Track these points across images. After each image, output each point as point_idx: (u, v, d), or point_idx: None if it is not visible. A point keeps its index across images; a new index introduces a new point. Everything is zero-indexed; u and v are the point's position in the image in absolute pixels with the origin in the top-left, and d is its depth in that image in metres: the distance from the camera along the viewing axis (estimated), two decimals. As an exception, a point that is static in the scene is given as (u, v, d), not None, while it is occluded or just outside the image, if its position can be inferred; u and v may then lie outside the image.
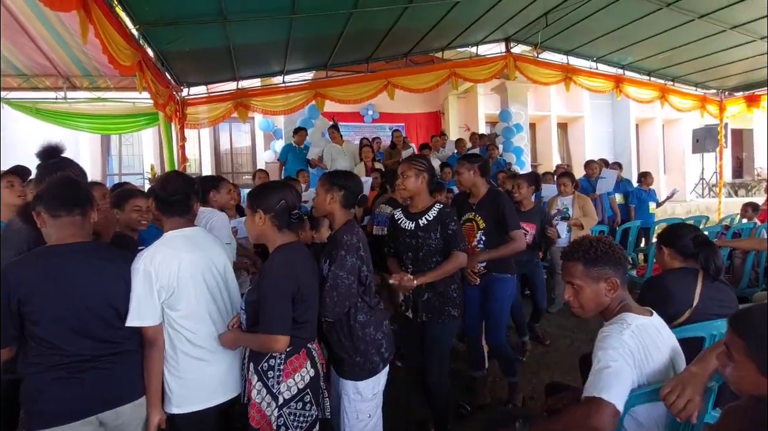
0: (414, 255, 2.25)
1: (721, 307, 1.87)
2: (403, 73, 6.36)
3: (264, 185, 1.75)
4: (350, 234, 1.79)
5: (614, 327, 1.37)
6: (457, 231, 2.20)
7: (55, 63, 5.28)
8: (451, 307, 2.23)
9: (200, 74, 5.70)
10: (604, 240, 1.47)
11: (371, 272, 1.88)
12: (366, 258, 1.83)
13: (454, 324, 2.29)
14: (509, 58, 6.58)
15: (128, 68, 3.58)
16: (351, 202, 1.90)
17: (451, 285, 2.24)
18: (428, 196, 2.29)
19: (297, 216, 1.67)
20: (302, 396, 1.59)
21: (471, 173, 2.65)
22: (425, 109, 10.63)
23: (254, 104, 6.02)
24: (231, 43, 4.77)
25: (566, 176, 4.44)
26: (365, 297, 1.83)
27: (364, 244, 1.84)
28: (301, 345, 1.62)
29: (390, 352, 1.91)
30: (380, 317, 1.89)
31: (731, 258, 4.10)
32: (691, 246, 1.94)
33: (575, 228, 4.18)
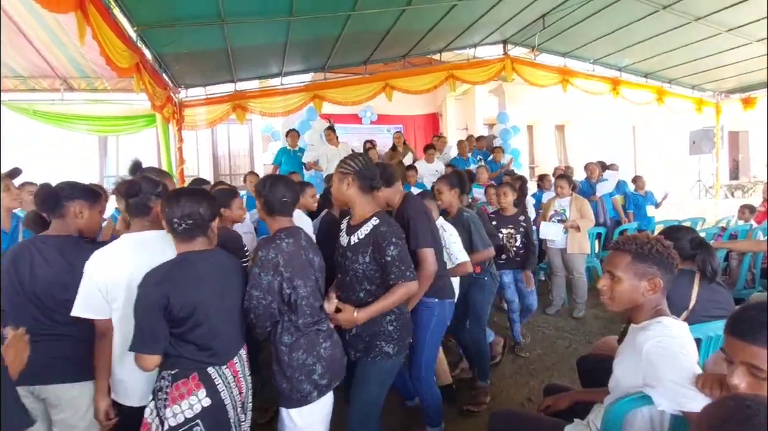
0: (342, 279, 1.92)
1: (717, 309, 1.89)
2: (401, 74, 6.38)
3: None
4: (267, 249, 1.59)
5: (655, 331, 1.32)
6: (397, 257, 1.76)
7: (52, 64, 5.27)
8: (384, 342, 1.85)
9: (198, 76, 5.70)
10: (662, 241, 1.41)
11: (311, 287, 1.67)
12: (293, 275, 1.60)
13: (388, 364, 1.88)
14: (507, 60, 6.61)
15: (126, 70, 3.58)
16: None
17: (385, 316, 1.85)
18: (367, 205, 1.88)
19: (188, 225, 1.49)
20: (190, 427, 1.40)
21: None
22: (423, 111, 10.65)
23: (252, 106, 6.03)
24: (229, 45, 4.77)
25: (563, 178, 4.46)
26: (291, 316, 1.64)
27: (292, 257, 1.61)
28: (192, 368, 1.44)
29: (332, 379, 1.70)
30: (314, 340, 1.67)
31: (728, 260, 4.11)
32: (688, 248, 1.95)
33: (572, 231, 4.19)
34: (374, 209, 1.89)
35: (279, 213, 1.73)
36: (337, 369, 1.76)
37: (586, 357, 2.26)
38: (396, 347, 1.88)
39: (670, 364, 1.24)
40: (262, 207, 1.74)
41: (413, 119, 10.54)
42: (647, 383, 1.28)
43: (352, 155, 1.91)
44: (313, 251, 1.76)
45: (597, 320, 4.19)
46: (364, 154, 1.93)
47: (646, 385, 1.29)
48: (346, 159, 1.89)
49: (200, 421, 1.42)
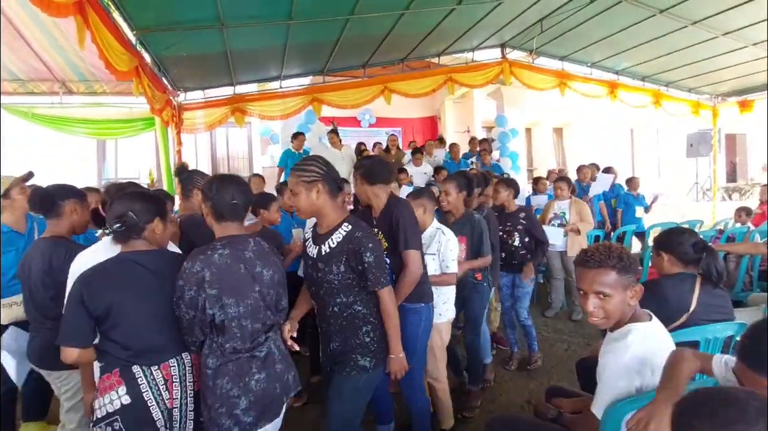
0: (316, 292, 1.78)
1: (717, 313, 1.89)
2: (399, 78, 6.40)
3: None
4: (194, 261, 1.43)
5: (619, 345, 1.36)
6: (374, 263, 1.65)
7: (51, 67, 5.27)
8: (359, 356, 1.72)
9: (197, 79, 5.71)
10: (623, 248, 1.43)
11: (248, 306, 1.47)
12: (222, 292, 1.43)
13: (363, 379, 1.74)
14: (505, 64, 6.64)
15: (125, 73, 3.59)
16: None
17: (362, 326, 1.73)
18: (337, 210, 1.74)
19: (120, 228, 1.49)
20: (111, 422, 1.40)
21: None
22: (422, 114, 10.68)
23: (251, 109, 6.04)
24: (228, 49, 4.79)
25: (563, 180, 4.45)
26: (216, 338, 1.46)
27: (222, 272, 1.43)
28: (114, 364, 1.44)
29: (260, 418, 1.48)
30: (244, 368, 1.46)
31: (725, 263, 4.12)
32: (691, 253, 1.94)
33: (572, 234, 4.20)
34: (344, 214, 1.76)
35: (228, 218, 1.54)
36: (268, 407, 1.51)
37: (586, 360, 2.25)
38: (373, 360, 1.74)
39: (602, 379, 1.35)
40: (209, 212, 1.55)
41: (412, 122, 10.58)
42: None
43: (308, 159, 1.73)
44: (263, 264, 1.54)
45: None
46: (318, 156, 1.76)
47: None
48: (305, 165, 1.68)
49: (119, 417, 1.40)
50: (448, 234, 2.39)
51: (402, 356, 1.78)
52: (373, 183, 2.10)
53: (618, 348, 1.37)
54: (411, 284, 2.00)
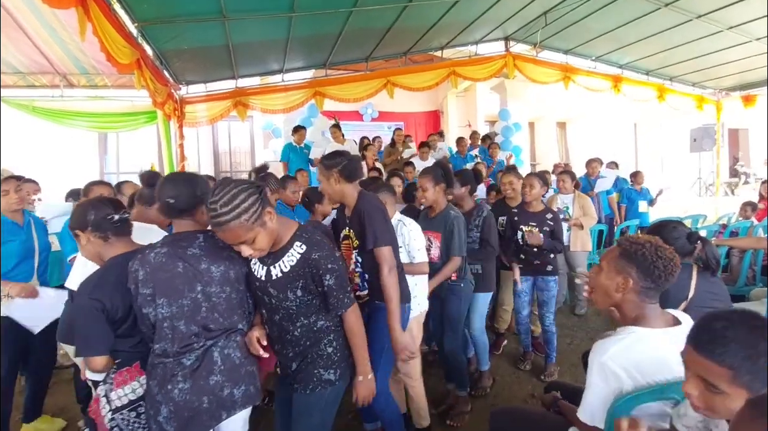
0: (270, 317, 1.58)
1: (715, 300, 1.91)
2: (402, 71, 6.37)
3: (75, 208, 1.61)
4: (134, 260, 1.42)
5: (600, 344, 1.34)
6: (335, 286, 1.49)
7: (51, 61, 5.25)
8: (323, 369, 1.58)
9: (199, 72, 5.69)
10: (659, 250, 1.35)
11: (183, 307, 1.39)
12: (155, 291, 1.37)
13: (329, 391, 1.60)
14: (508, 57, 6.60)
15: (126, 66, 3.57)
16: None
17: (323, 337, 1.59)
18: (284, 226, 1.52)
19: (119, 220, 1.51)
20: (135, 407, 1.47)
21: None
22: (424, 108, 10.63)
23: (253, 103, 6.02)
24: (230, 42, 4.76)
25: (566, 174, 4.42)
26: (153, 338, 1.43)
27: (156, 271, 1.37)
28: (133, 358, 1.48)
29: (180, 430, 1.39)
30: (169, 374, 1.39)
31: (729, 257, 4.12)
32: (688, 245, 1.96)
33: (575, 229, 4.19)
34: (292, 228, 1.53)
35: (175, 215, 1.49)
36: (191, 422, 1.38)
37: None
38: (337, 371, 1.60)
39: (588, 380, 1.33)
40: (159, 210, 1.51)
41: (414, 116, 10.53)
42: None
43: (230, 194, 1.32)
44: (211, 260, 1.45)
45: (599, 317, 4.20)
46: (237, 180, 1.40)
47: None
48: (238, 204, 1.31)
49: (135, 407, 1.48)
50: (410, 224, 2.30)
51: (371, 378, 1.62)
52: (352, 181, 1.97)
53: (606, 343, 1.34)
54: (394, 281, 1.87)
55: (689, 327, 1.15)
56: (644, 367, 1.28)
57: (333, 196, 2.02)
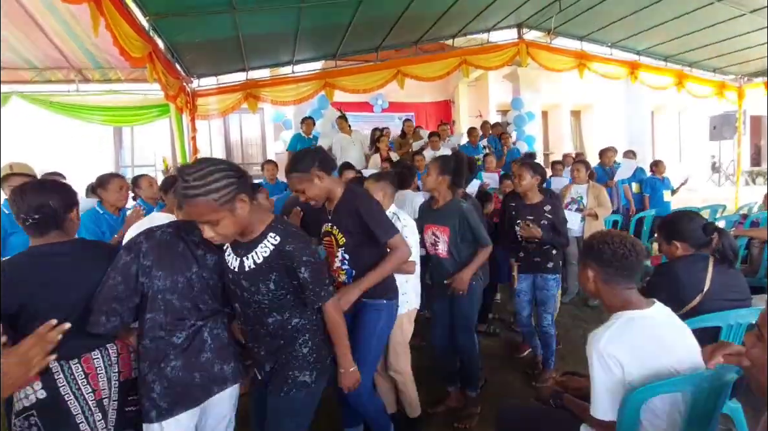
0: (243, 311, 1.55)
1: (733, 292, 1.89)
2: (413, 61, 6.29)
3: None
4: (140, 233, 1.52)
5: (594, 335, 1.38)
6: (310, 279, 1.45)
7: (66, 55, 5.32)
8: (298, 371, 1.53)
9: (210, 65, 5.71)
10: (607, 237, 1.46)
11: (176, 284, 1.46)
12: (153, 263, 1.44)
13: (305, 394, 1.56)
14: (521, 45, 6.46)
15: (139, 60, 3.60)
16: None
17: (298, 337, 1.54)
18: (258, 215, 1.47)
19: (35, 220, 1.45)
20: (27, 416, 1.37)
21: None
22: (435, 98, 10.52)
23: (264, 95, 6.02)
24: (240, 34, 4.75)
25: (581, 163, 4.36)
26: (144, 314, 1.45)
27: (161, 246, 1.47)
28: None
29: (176, 405, 1.43)
30: (162, 352, 1.44)
31: (749, 248, 4.01)
32: (704, 237, 1.94)
33: (589, 218, 4.13)
34: (267, 219, 1.48)
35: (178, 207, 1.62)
36: (183, 395, 1.44)
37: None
38: (313, 373, 1.55)
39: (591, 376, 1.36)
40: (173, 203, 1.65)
41: (425, 106, 10.44)
42: None
43: (205, 173, 1.30)
44: (209, 248, 1.54)
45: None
46: (218, 160, 1.39)
47: None
48: (211, 182, 1.29)
49: (35, 412, 1.37)
50: (405, 220, 2.24)
51: (353, 370, 1.63)
52: (330, 172, 1.88)
53: (593, 339, 1.36)
54: (396, 261, 1.86)
55: (661, 306, 1.43)
56: (638, 345, 1.32)
57: (322, 196, 1.88)
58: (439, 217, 2.42)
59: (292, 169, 1.84)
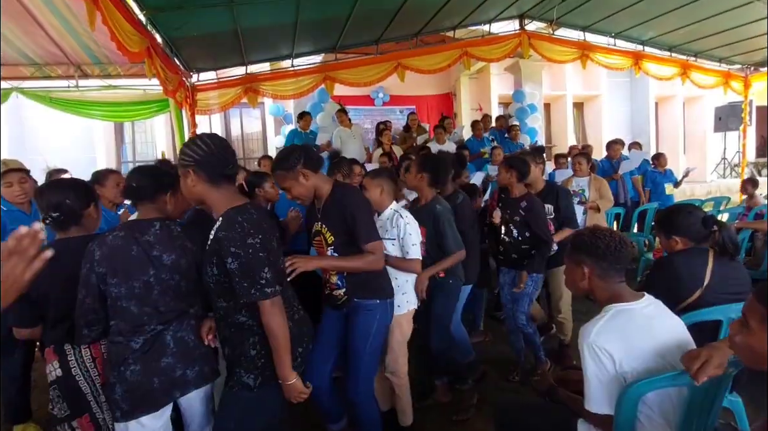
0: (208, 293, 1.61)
1: (733, 285, 1.86)
2: (413, 54, 6.23)
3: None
4: (93, 241, 1.52)
5: (585, 328, 1.38)
6: (237, 272, 1.39)
7: (65, 51, 5.30)
8: (244, 371, 1.49)
9: (209, 60, 5.68)
10: (597, 232, 1.48)
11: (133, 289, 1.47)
12: (108, 271, 1.45)
13: (247, 398, 1.51)
14: (523, 36, 6.38)
15: (137, 54, 3.57)
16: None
17: (248, 337, 1.50)
18: (222, 201, 1.48)
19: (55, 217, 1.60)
20: (53, 388, 1.58)
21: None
22: (436, 91, 10.45)
23: (264, 89, 5.99)
24: (239, 27, 4.72)
25: (582, 155, 4.32)
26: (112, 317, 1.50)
27: (114, 252, 1.46)
28: (50, 340, 1.60)
29: (136, 407, 1.45)
30: (121, 355, 1.47)
31: (753, 240, 3.98)
32: (703, 231, 1.91)
33: (591, 212, 4.09)
34: (234, 202, 1.48)
35: (137, 200, 1.60)
36: (144, 400, 1.45)
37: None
38: (258, 378, 1.48)
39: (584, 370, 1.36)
40: (122, 193, 1.69)
41: (426, 99, 10.37)
42: None
43: (192, 139, 1.50)
44: (164, 248, 1.53)
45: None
46: (209, 134, 1.51)
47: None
48: (184, 147, 1.49)
49: (57, 386, 1.57)
50: (407, 217, 2.19)
51: (292, 383, 1.47)
52: (317, 170, 1.85)
53: (583, 332, 1.37)
54: (368, 263, 1.83)
55: (651, 299, 1.44)
56: (628, 336, 1.33)
57: (308, 196, 1.85)
58: (418, 217, 2.37)
59: (277, 167, 1.83)
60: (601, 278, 1.44)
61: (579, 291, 1.54)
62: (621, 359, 1.29)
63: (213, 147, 1.46)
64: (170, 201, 1.63)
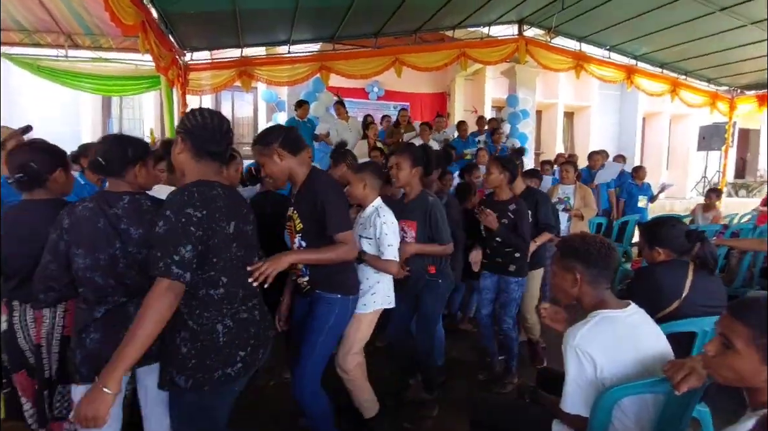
0: None
1: (710, 298, 1.90)
2: (411, 50, 6.23)
3: None
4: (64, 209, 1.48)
5: (570, 331, 1.40)
6: (156, 242, 1.26)
7: (56, 18, 5.14)
8: (176, 371, 1.35)
9: (204, 39, 5.57)
10: (587, 238, 1.49)
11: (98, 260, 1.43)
12: (72, 241, 1.42)
13: (182, 403, 1.40)
14: (521, 42, 6.44)
15: (131, 27, 3.49)
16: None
17: (178, 331, 1.35)
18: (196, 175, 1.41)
19: (13, 180, 1.64)
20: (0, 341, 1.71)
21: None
22: (431, 90, 10.46)
23: (258, 73, 5.91)
24: (237, 8, 4.64)
25: (569, 164, 4.40)
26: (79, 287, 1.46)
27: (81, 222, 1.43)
28: (3, 294, 1.68)
29: (90, 372, 1.40)
30: (83, 321, 1.45)
31: (727, 258, 4.10)
32: (686, 244, 1.94)
33: (575, 219, 4.17)
34: (199, 179, 1.41)
35: (107, 174, 1.54)
36: (101, 367, 1.24)
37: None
38: (190, 380, 1.33)
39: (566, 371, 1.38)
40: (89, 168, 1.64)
41: (420, 97, 10.37)
42: None
43: (195, 110, 1.48)
44: (132, 221, 1.47)
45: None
46: (213, 111, 1.49)
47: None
48: (186, 113, 1.48)
49: (1, 338, 1.66)
50: (384, 216, 2.09)
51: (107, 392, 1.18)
52: (296, 153, 1.80)
53: (569, 335, 1.39)
54: (340, 254, 1.76)
55: (636, 308, 1.46)
56: (612, 343, 1.35)
57: (280, 176, 1.81)
58: (408, 211, 2.33)
59: (255, 141, 1.82)
60: (591, 284, 1.45)
61: (567, 299, 1.52)
62: (602, 365, 1.31)
63: (209, 122, 1.44)
64: (140, 172, 1.57)
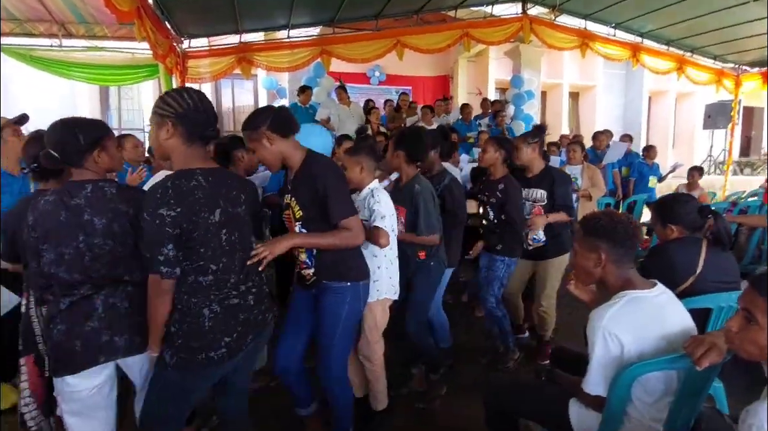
0: None
1: (724, 275, 1.89)
2: (413, 32, 6.10)
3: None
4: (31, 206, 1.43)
5: (596, 312, 1.37)
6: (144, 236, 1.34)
7: (49, 8, 5.04)
8: (165, 345, 1.41)
9: (201, 25, 5.46)
10: (615, 216, 1.44)
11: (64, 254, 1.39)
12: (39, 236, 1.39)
13: (163, 376, 1.43)
14: (525, 20, 6.29)
15: (126, 14, 3.40)
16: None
17: (170, 311, 1.40)
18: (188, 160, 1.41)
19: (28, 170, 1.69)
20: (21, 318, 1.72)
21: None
22: (433, 73, 10.32)
23: (258, 60, 5.81)
24: (234, -8, 4.54)
25: (576, 144, 4.35)
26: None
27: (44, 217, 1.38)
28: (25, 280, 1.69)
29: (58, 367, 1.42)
30: (50, 313, 1.44)
31: (737, 235, 4.08)
32: (699, 220, 1.93)
33: (583, 200, 4.14)
34: (184, 166, 1.39)
35: (69, 164, 1.45)
36: (67, 362, 1.41)
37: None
38: (174, 358, 1.37)
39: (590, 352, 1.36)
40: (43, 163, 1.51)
41: (423, 80, 10.25)
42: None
43: (177, 90, 1.41)
44: (95, 212, 1.41)
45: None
46: (195, 90, 1.41)
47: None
48: (165, 97, 1.38)
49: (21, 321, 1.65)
50: (379, 196, 2.04)
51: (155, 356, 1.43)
52: (287, 135, 1.70)
53: (595, 316, 1.36)
54: (344, 240, 1.69)
55: (663, 288, 1.42)
56: (640, 325, 1.33)
57: (273, 161, 1.72)
58: (399, 197, 2.26)
59: (244, 125, 1.71)
60: (616, 264, 1.41)
61: (590, 280, 1.49)
62: (629, 346, 1.30)
63: (199, 104, 1.37)
64: (100, 158, 1.46)
